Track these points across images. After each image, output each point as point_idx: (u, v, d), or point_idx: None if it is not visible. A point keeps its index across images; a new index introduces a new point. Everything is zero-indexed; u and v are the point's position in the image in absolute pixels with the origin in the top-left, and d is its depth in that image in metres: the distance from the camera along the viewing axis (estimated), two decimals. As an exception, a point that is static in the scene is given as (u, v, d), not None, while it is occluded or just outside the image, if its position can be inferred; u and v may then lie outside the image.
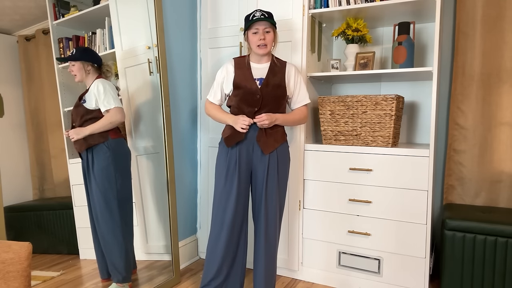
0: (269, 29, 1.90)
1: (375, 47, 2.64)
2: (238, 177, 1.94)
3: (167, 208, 2.33)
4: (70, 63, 1.91)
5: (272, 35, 1.91)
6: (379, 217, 2.18)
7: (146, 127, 2.28)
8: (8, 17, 1.76)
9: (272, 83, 1.93)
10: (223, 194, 1.96)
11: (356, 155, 2.22)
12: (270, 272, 2.01)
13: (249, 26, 1.89)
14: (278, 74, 1.95)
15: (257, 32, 1.89)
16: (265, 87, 1.91)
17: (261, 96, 1.90)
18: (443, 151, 2.56)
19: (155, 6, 2.23)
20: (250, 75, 1.94)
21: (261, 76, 1.94)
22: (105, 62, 2.02)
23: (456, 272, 2.03)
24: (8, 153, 1.78)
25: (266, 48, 1.90)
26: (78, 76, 1.93)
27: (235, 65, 1.99)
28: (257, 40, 1.89)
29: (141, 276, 2.23)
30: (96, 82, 1.95)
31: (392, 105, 2.13)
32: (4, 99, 1.73)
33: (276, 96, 1.94)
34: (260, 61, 1.98)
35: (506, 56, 2.30)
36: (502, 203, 2.36)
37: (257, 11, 1.88)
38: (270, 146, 1.93)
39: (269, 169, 1.94)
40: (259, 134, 1.92)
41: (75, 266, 2.01)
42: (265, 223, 1.95)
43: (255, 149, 1.94)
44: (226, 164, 1.96)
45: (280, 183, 1.98)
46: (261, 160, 1.94)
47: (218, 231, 1.96)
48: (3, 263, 1.16)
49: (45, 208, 1.95)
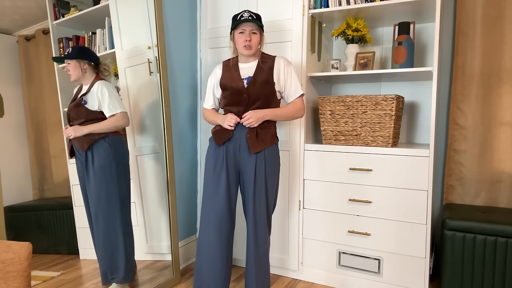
0: (256, 31, 1.88)
1: (375, 47, 2.64)
2: (226, 174, 1.92)
3: (167, 208, 2.33)
4: (66, 62, 1.90)
5: (258, 37, 1.90)
6: (379, 217, 2.18)
7: (146, 127, 2.28)
8: (8, 17, 1.76)
9: (259, 81, 1.90)
10: (209, 189, 1.95)
11: (356, 155, 2.22)
12: (262, 273, 1.98)
13: (236, 26, 1.88)
14: (266, 70, 1.93)
15: (243, 33, 1.87)
16: (252, 85, 1.89)
17: (247, 95, 1.89)
18: (443, 151, 2.56)
19: (155, 6, 2.23)
20: (237, 76, 1.93)
21: (249, 75, 1.93)
22: (102, 61, 2.01)
23: (456, 272, 2.03)
24: (8, 153, 1.78)
25: (251, 50, 1.89)
26: (73, 75, 1.91)
27: (223, 67, 1.99)
28: (242, 41, 1.88)
29: (141, 276, 2.23)
30: (99, 84, 1.93)
31: (392, 105, 2.13)
32: (4, 99, 1.73)
33: (265, 93, 1.91)
34: (248, 60, 1.96)
35: (506, 56, 2.30)
36: (502, 203, 2.36)
37: (245, 12, 1.87)
38: (258, 146, 1.90)
39: (257, 170, 1.91)
40: (249, 132, 1.90)
41: (75, 266, 2.01)
42: (254, 224, 1.92)
43: (242, 148, 1.92)
44: (214, 160, 1.95)
45: (268, 185, 1.94)
46: (249, 160, 1.92)
47: (204, 228, 1.94)
48: (3, 263, 1.16)
49: (45, 208, 1.95)
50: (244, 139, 1.91)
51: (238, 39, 1.90)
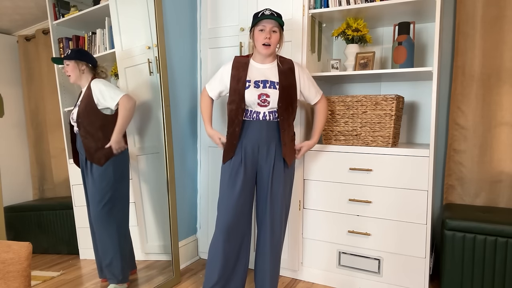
0: (276, 29, 1.87)
1: (375, 47, 2.64)
2: (244, 176, 1.93)
3: (167, 208, 2.33)
4: (64, 63, 1.90)
5: (278, 36, 1.89)
6: (379, 217, 2.18)
7: (146, 127, 2.28)
8: (8, 17, 1.76)
9: (285, 85, 1.92)
10: (225, 195, 1.96)
11: (356, 155, 2.22)
12: (275, 274, 2.00)
13: (257, 23, 1.87)
14: (288, 73, 1.95)
15: (264, 30, 1.86)
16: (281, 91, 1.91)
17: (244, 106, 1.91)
18: (443, 151, 2.56)
19: (155, 6, 2.23)
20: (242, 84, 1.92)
21: (264, 78, 1.93)
22: (100, 64, 2.02)
23: (456, 272, 2.03)
24: (8, 153, 1.78)
25: (269, 49, 1.88)
26: (72, 76, 1.92)
27: (233, 64, 1.98)
28: (262, 38, 1.86)
29: (141, 276, 2.23)
30: (94, 83, 1.94)
31: (392, 105, 2.13)
32: (4, 99, 1.73)
33: (291, 98, 1.94)
34: (264, 61, 1.96)
35: (506, 56, 2.30)
36: (502, 203, 2.36)
37: (267, 10, 1.87)
38: (292, 155, 2.00)
39: (275, 168, 1.93)
40: (284, 149, 1.94)
41: (75, 266, 2.01)
42: (271, 224, 1.94)
43: (261, 150, 1.93)
44: (230, 165, 1.96)
45: (286, 183, 1.97)
46: (267, 160, 1.94)
47: (219, 233, 1.95)
48: (3, 263, 1.16)
49: (45, 208, 1.95)
50: (263, 139, 1.92)
51: (258, 36, 1.88)
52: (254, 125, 1.92)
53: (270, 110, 1.91)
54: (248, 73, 1.94)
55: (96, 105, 1.93)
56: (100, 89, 1.94)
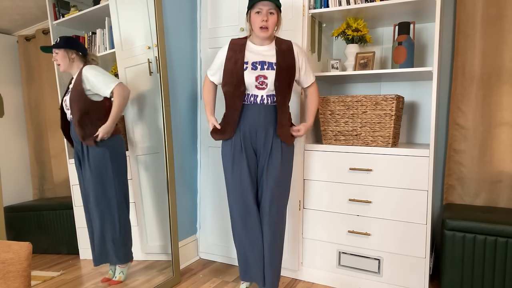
0: (273, 11, 1.83)
1: (375, 47, 2.64)
2: (247, 162, 1.94)
3: (167, 208, 2.33)
4: (54, 52, 1.89)
5: (275, 18, 1.85)
6: (379, 217, 2.18)
7: (146, 127, 2.28)
8: (8, 17, 1.76)
9: (284, 66, 1.89)
10: (231, 184, 1.98)
11: (356, 155, 2.22)
12: (275, 261, 2.00)
13: (253, 5, 1.83)
14: (287, 54, 1.92)
15: (260, 12, 1.82)
16: (278, 72, 1.88)
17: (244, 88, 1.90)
18: (443, 151, 2.56)
19: (155, 6, 2.23)
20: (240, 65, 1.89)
21: (261, 59, 1.90)
22: (90, 52, 2.01)
23: (456, 272, 2.03)
24: (8, 153, 1.78)
25: (267, 31, 1.85)
26: (62, 65, 1.90)
27: (229, 47, 1.97)
28: (259, 21, 1.82)
29: (141, 276, 2.23)
30: (86, 69, 1.93)
31: (392, 105, 2.13)
32: (4, 99, 1.73)
33: (289, 79, 1.92)
34: (262, 43, 1.93)
35: (506, 56, 2.30)
36: (502, 203, 2.36)
37: None
38: (289, 136, 1.99)
39: (273, 147, 1.94)
40: (279, 129, 1.92)
41: (75, 266, 2.01)
42: (269, 205, 1.94)
43: (259, 134, 1.93)
44: (231, 151, 1.96)
45: (283, 162, 1.96)
46: (265, 144, 1.94)
47: (235, 222, 1.99)
48: (3, 263, 1.16)
49: (45, 208, 1.95)
50: (261, 123, 1.91)
51: (254, 19, 1.85)
52: (252, 109, 1.90)
53: (268, 93, 1.89)
54: (246, 55, 1.91)
55: (84, 91, 1.92)
56: (93, 74, 1.92)
